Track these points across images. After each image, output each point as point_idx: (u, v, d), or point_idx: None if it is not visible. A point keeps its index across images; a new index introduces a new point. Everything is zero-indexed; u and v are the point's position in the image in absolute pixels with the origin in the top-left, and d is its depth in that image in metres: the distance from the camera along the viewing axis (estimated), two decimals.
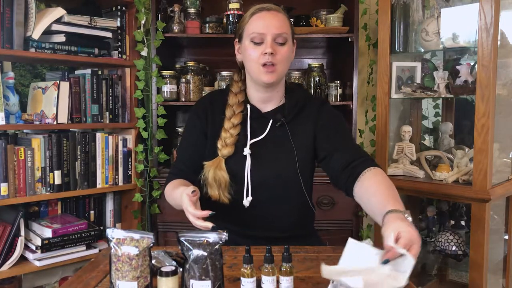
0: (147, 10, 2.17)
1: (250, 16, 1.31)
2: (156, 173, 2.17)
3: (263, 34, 1.27)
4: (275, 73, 1.29)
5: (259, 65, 1.28)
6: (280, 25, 1.29)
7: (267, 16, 1.29)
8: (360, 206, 2.16)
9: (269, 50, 1.26)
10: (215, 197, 1.32)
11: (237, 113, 1.36)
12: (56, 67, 2.27)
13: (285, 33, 1.29)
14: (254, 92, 1.38)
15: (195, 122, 1.41)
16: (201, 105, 1.44)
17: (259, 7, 1.31)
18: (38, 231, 1.96)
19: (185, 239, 0.94)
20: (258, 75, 1.30)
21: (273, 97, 1.38)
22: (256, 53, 1.28)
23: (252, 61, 1.30)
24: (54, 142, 1.96)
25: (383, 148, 2.16)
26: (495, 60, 1.82)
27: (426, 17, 2.14)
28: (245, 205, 1.32)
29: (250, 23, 1.31)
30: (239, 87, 1.39)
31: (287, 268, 0.97)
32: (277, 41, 1.29)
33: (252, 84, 1.37)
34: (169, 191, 1.36)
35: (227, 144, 1.33)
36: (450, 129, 2.37)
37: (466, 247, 2.02)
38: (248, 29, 1.31)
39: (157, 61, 2.15)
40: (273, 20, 1.29)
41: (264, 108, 1.39)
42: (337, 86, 2.29)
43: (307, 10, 2.34)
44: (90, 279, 1.08)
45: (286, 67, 1.34)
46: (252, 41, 1.29)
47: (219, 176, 1.31)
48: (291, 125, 1.36)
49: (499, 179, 2.01)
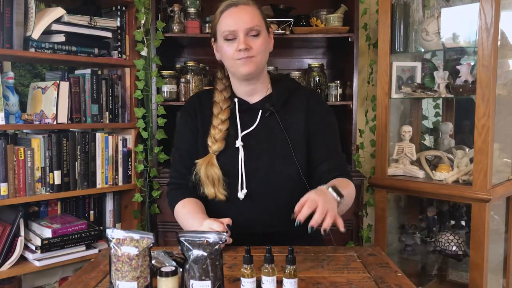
0: (147, 10, 2.17)
1: (220, 14, 1.31)
2: (156, 173, 2.17)
3: (234, 31, 1.27)
4: (253, 63, 1.29)
5: (235, 60, 1.29)
6: (251, 19, 1.28)
7: (236, 12, 1.29)
8: (360, 206, 2.18)
9: (242, 46, 1.26)
10: (211, 195, 1.32)
11: (224, 109, 1.37)
12: (56, 67, 2.27)
13: (256, 25, 1.29)
14: (239, 86, 1.39)
15: (187, 121, 1.42)
16: (191, 105, 1.44)
17: (227, 3, 1.31)
18: (38, 231, 1.96)
19: (185, 239, 0.94)
20: (236, 69, 1.31)
21: (257, 88, 1.38)
22: (230, 49, 1.29)
23: (228, 58, 1.31)
24: (54, 142, 1.96)
25: (383, 148, 2.16)
26: (495, 60, 1.82)
27: (426, 17, 2.14)
28: (240, 197, 1.31)
29: (220, 21, 1.31)
30: (223, 83, 1.41)
31: (291, 271, 0.97)
32: (250, 34, 1.28)
33: (235, 79, 1.38)
34: (181, 213, 1.36)
35: (216, 139, 1.33)
36: (450, 129, 2.37)
37: (466, 247, 2.02)
38: (220, 28, 1.31)
39: (157, 61, 2.15)
40: (243, 15, 1.28)
41: (251, 100, 1.39)
42: (337, 86, 2.29)
43: (307, 10, 2.34)
44: (90, 279, 1.08)
45: (264, 57, 1.33)
46: (226, 39, 1.29)
47: (211, 172, 1.31)
48: (280, 114, 1.36)
49: (499, 179, 2.01)
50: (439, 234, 2.11)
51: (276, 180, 1.34)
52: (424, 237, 2.28)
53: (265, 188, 1.34)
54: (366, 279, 1.08)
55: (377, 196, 2.21)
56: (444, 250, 2.04)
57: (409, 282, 1.07)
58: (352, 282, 1.06)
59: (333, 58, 2.55)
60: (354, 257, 1.24)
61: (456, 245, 2.02)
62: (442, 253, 2.06)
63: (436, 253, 2.11)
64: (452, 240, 2.03)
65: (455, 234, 2.05)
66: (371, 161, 2.45)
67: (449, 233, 2.06)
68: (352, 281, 1.06)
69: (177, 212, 1.39)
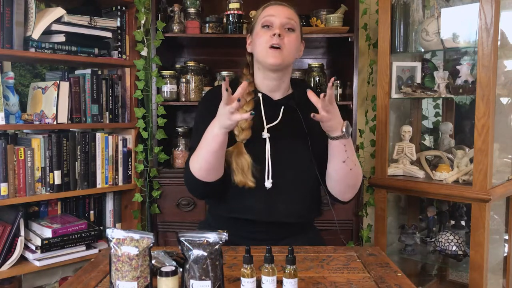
0: (147, 10, 2.17)
1: (263, 9, 1.43)
2: (156, 173, 2.17)
3: (273, 16, 1.38)
4: (281, 56, 1.36)
5: (267, 48, 1.36)
6: (290, 15, 1.40)
7: (279, 7, 1.41)
8: (360, 206, 2.18)
9: (277, 31, 1.34)
10: (242, 183, 1.34)
11: (248, 100, 1.41)
12: (56, 67, 2.27)
13: (293, 21, 1.39)
14: (263, 81, 1.45)
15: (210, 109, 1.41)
16: (212, 95, 1.48)
17: (273, 2, 1.44)
18: (38, 231, 1.96)
19: (185, 239, 0.94)
20: (265, 57, 1.37)
21: (280, 86, 1.45)
22: (265, 36, 1.37)
23: (261, 44, 1.37)
24: (54, 142, 1.96)
25: (383, 148, 2.16)
26: (495, 60, 1.82)
27: (426, 17, 2.14)
28: (267, 186, 1.35)
29: (263, 12, 1.42)
30: (248, 79, 1.47)
31: (291, 271, 0.97)
32: (286, 27, 1.38)
33: (260, 73, 1.44)
34: (194, 154, 1.33)
35: (243, 128, 1.37)
36: (450, 129, 2.37)
37: (466, 247, 2.02)
38: (261, 16, 1.41)
39: (157, 61, 2.15)
40: (285, 10, 1.40)
41: (274, 96, 1.46)
42: (337, 86, 2.29)
43: (307, 10, 2.34)
44: (90, 279, 1.08)
45: (292, 54, 1.40)
46: (263, 25, 1.39)
47: (242, 160, 1.34)
48: (302, 112, 1.42)
49: (499, 179, 2.01)
50: (439, 234, 2.11)
51: (297, 173, 1.40)
52: (424, 237, 2.28)
53: (287, 180, 1.39)
54: (366, 279, 1.08)
55: (377, 196, 2.21)
56: (444, 250, 2.04)
57: (409, 282, 1.07)
58: (352, 282, 1.06)
59: (333, 58, 2.55)
60: (354, 257, 1.24)
61: (456, 245, 2.02)
62: (442, 253, 2.06)
63: (436, 253, 2.11)
64: (452, 240, 2.03)
65: (455, 234, 2.05)
66: (371, 161, 2.45)
67: (449, 233, 2.06)
68: (352, 281, 1.07)
69: (191, 160, 1.34)
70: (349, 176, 1.35)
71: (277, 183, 1.36)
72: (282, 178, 1.37)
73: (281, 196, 1.37)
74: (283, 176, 1.37)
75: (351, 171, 1.33)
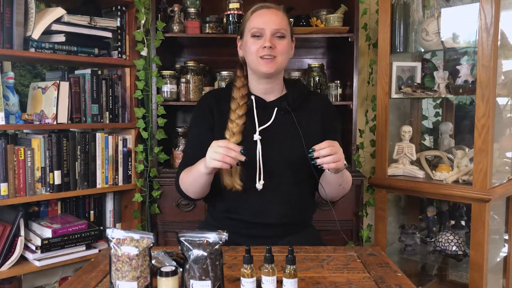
0: (147, 10, 2.17)
1: (251, 13, 1.41)
2: (156, 173, 2.17)
3: (262, 29, 1.37)
4: (274, 64, 1.37)
5: (258, 58, 1.37)
6: (279, 22, 1.38)
7: (267, 13, 1.39)
8: (360, 206, 2.18)
9: (268, 44, 1.35)
10: (229, 186, 1.35)
11: (241, 104, 1.42)
12: (56, 67, 2.27)
13: (283, 29, 1.38)
14: (256, 85, 1.46)
15: (203, 117, 1.47)
16: (205, 101, 1.50)
17: (260, 5, 1.41)
18: (38, 231, 1.96)
19: (185, 239, 0.94)
20: (257, 66, 1.38)
21: (274, 88, 1.46)
22: (255, 46, 1.37)
23: (252, 54, 1.38)
24: (54, 142, 1.96)
25: (383, 148, 2.16)
26: (495, 60, 1.82)
27: (426, 17, 2.14)
28: (258, 188, 1.36)
29: (250, 20, 1.40)
30: (242, 81, 1.47)
31: (291, 271, 0.97)
32: (276, 35, 1.37)
33: (254, 77, 1.45)
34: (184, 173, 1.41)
35: (234, 133, 1.38)
36: (450, 129, 2.37)
37: (466, 247, 2.02)
38: (249, 25, 1.40)
39: (157, 61, 2.15)
40: (272, 16, 1.38)
41: (267, 98, 1.47)
42: (337, 86, 2.29)
43: (307, 10, 2.34)
44: (90, 279, 1.08)
45: (285, 59, 1.41)
46: (252, 36, 1.38)
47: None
48: (295, 113, 1.43)
49: (499, 179, 2.01)
50: (439, 234, 2.11)
51: (290, 174, 1.41)
52: (424, 237, 2.28)
53: (280, 181, 1.40)
54: (366, 279, 1.09)
55: (377, 196, 2.21)
56: (444, 250, 2.04)
57: (409, 282, 1.07)
58: (352, 282, 1.06)
59: (333, 58, 2.54)
60: (354, 257, 1.24)
61: (456, 245, 2.02)
62: (442, 253, 2.06)
63: (436, 253, 2.11)
64: (452, 240, 2.03)
65: (455, 234, 2.05)
66: (371, 161, 2.45)
67: (449, 233, 2.06)
68: (352, 281, 1.07)
69: (181, 178, 1.43)
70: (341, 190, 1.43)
71: (269, 184, 1.37)
72: (274, 179, 1.38)
73: (273, 197, 1.39)
74: (275, 178, 1.38)
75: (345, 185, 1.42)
